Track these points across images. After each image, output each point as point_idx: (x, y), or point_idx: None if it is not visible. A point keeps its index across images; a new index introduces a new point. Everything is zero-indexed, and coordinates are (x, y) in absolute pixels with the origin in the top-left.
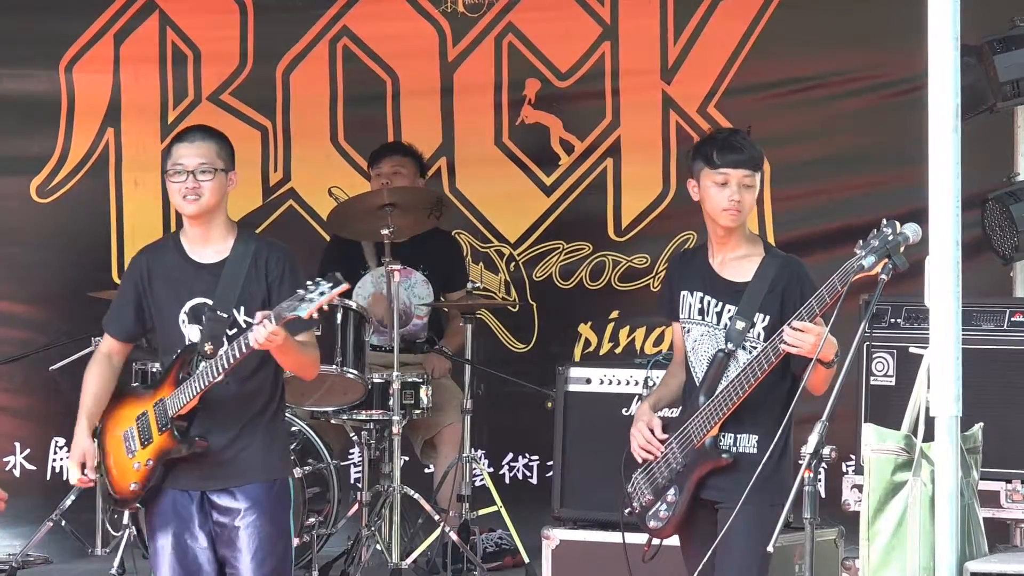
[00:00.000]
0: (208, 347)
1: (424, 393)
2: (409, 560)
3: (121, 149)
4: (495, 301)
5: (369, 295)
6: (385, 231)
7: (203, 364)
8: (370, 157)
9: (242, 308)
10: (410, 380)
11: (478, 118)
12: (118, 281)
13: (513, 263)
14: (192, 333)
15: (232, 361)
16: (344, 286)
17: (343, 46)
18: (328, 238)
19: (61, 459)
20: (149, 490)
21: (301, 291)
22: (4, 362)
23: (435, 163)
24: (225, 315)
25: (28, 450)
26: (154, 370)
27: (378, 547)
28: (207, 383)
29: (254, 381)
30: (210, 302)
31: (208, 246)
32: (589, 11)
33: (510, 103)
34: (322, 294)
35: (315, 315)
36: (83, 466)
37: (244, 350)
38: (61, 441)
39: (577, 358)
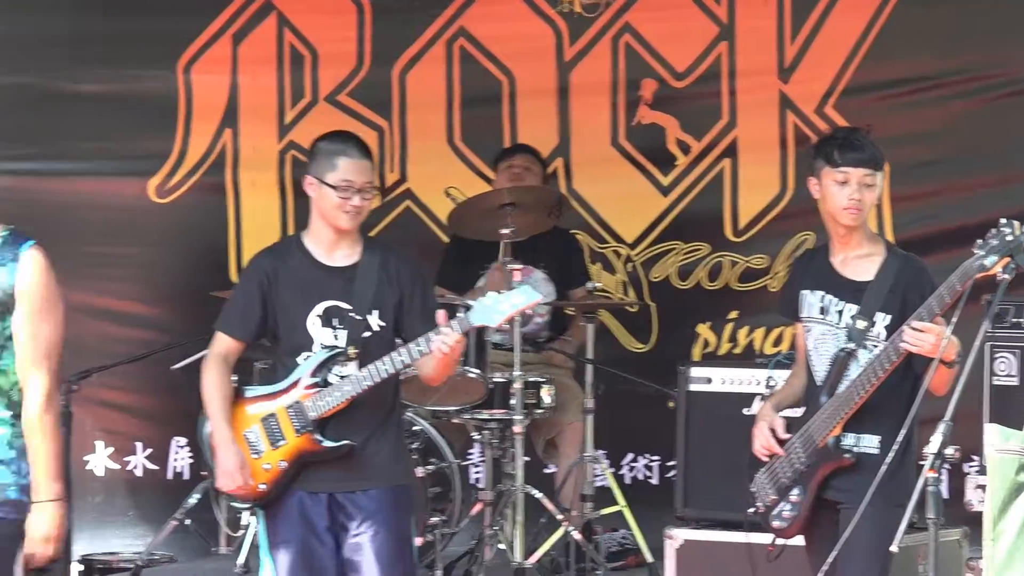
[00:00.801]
0: (352, 350)
1: (546, 392)
2: (532, 559)
3: (238, 150)
4: (616, 301)
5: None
6: (505, 230)
7: (351, 367)
8: (499, 154)
9: (376, 312)
10: (531, 379)
11: (594, 118)
12: (236, 281)
13: (630, 264)
14: (323, 336)
15: (400, 366)
16: (539, 298)
17: (460, 47)
18: (443, 238)
19: (182, 459)
20: (279, 491)
21: (488, 300)
22: (125, 362)
23: (552, 164)
24: (360, 317)
25: (150, 450)
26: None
27: (501, 546)
28: (364, 387)
29: (384, 385)
30: (346, 305)
31: (337, 251)
32: (706, 10)
33: (626, 103)
34: (514, 305)
35: (505, 325)
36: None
37: (415, 356)
38: (182, 441)
39: (696, 358)
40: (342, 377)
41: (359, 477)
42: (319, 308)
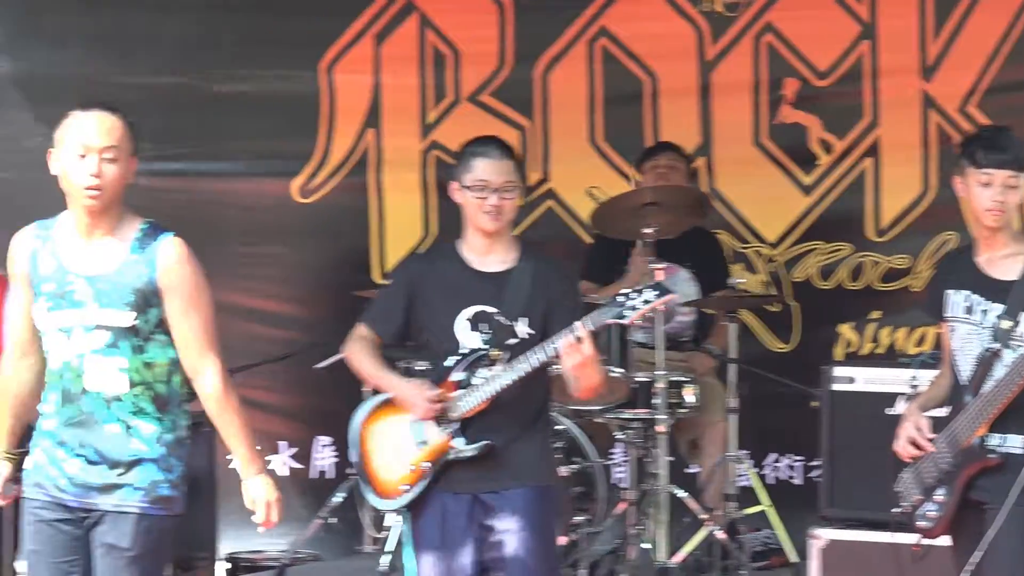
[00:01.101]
0: (495, 353)
1: (689, 392)
2: (676, 559)
3: (381, 150)
4: (759, 299)
5: None
6: (647, 229)
7: (496, 369)
8: (644, 153)
9: (524, 320)
10: (675, 379)
11: (736, 118)
12: (379, 281)
13: (772, 263)
14: (470, 339)
15: (533, 367)
16: (671, 296)
17: (602, 46)
18: (586, 238)
19: (326, 458)
20: (423, 491)
21: (621, 297)
22: (269, 361)
23: (693, 163)
24: (509, 323)
25: (294, 449)
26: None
27: (645, 546)
28: (501, 387)
29: (532, 386)
30: (494, 310)
31: (491, 256)
32: (847, 9)
33: (768, 102)
34: (647, 301)
35: (638, 322)
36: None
37: (549, 353)
38: (325, 440)
39: (838, 358)
40: (485, 380)
41: (502, 477)
42: (468, 312)
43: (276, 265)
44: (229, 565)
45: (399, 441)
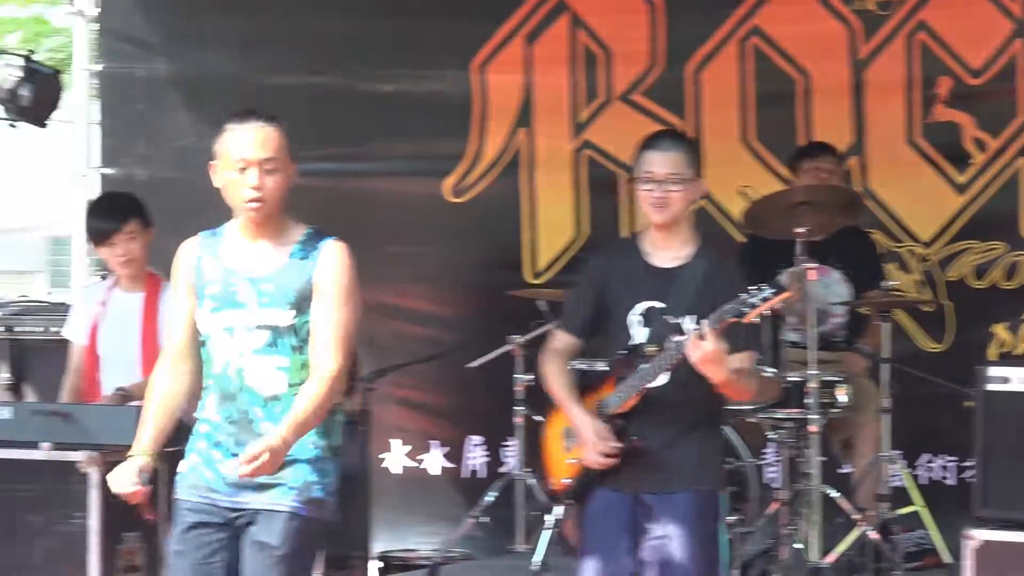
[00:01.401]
0: (651, 349)
1: (841, 392)
2: (829, 559)
3: (533, 149)
4: (912, 300)
5: None
6: (800, 229)
7: (645, 365)
8: (800, 152)
9: (691, 317)
10: (827, 378)
11: (889, 116)
12: (531, 280)
13: (926, 263)
14: (640, 335)
15: (668, 365)
16: (787, 294)
17: (753, 45)
18: (738, 237)
19: (478, 457)
20: (583, 487)
21: (743, 295)
22: (420, 361)
23: (846, 162)
24: (674, 320)
25: (446, 448)
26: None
27: (797, 546)
28: (645, 384)
29: (697, 387)
30: (662, 306)
31: (667, 251)
32: (1000, 7)
33: (922, 101)
34: (765, 299)
35: (755, 319)
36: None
37: (681, 349)
38: (476, 439)
39: (992, 358)
40: (638, 377)
41: (663, 479)
42: (640, 308)
43: (428, 265)
44: (381, 564)
45: (570, 434)
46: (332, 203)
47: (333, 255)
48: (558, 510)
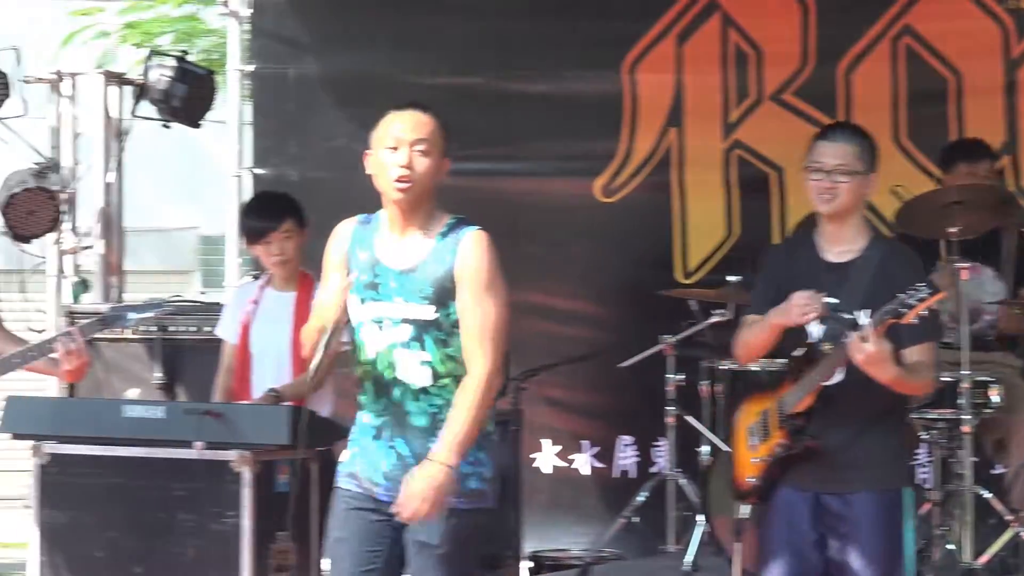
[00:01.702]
0: (826, 346)
1: (994, 392)
2: (982, 560)
3: (684, 149)
4: None
5: None
6: (952, 229)
7: (820, 363)
8: (956, 152)
9: (865, 312)
10: (980, 378)
11: None
12: (682, 280)
13: None
14: (816, 332)
15: (841, 363)
16: (942, 294)
17: (905, 44)
18: (889, 236)
19: (628, 457)
20: (767, 487)
21: (901, 295)
22: (571, 361)
23: (999, 161)
24: (848, 316)
25: (596, 448)
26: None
27: (950, 547)
28: (820, 382)
29: (876, 382)
30: (835, 302)
31: (838, 245)
32: None
33: None
34: (921, 299)
35: (913, 320)
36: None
37: (844, 351)
38: (627, 439)
39: None
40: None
41: (844, 479)
42: None
43: (578, 264)
44: (532, 564)
45: (754, 433)
46: (482, 203)
47: (472, 245)
48: (744, 509)
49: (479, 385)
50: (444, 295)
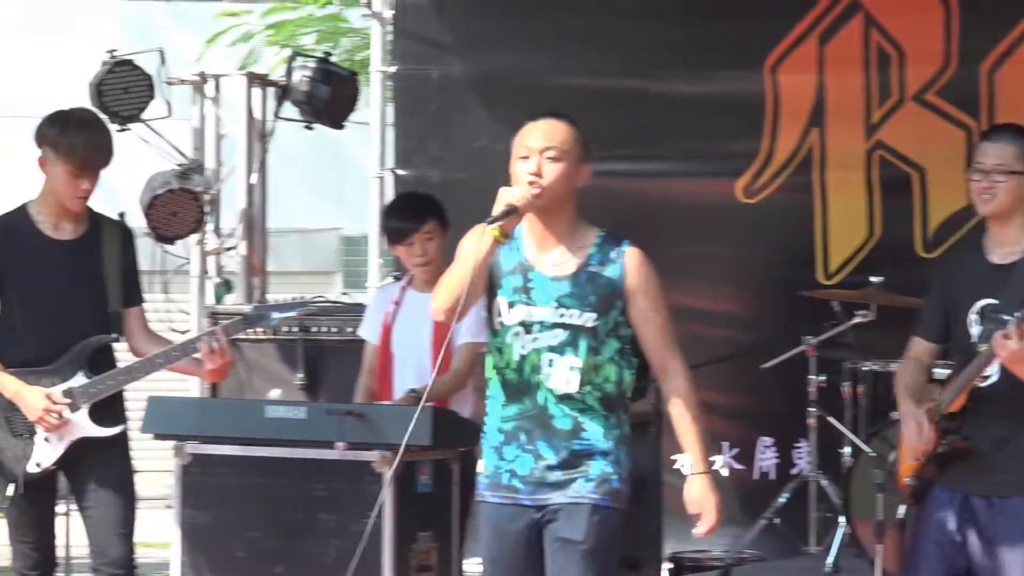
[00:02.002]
0: (982, 346)
1: None
2: None
3: (825, 149)
4: None
5: None
6: None
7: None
8: None
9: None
10: None
11: None
12: (823, 281)
13: None
14: (975, 331)
15: (990, 362)
16: None
17: None
18: None
19: (768, 459)
20: (923, 487)
21: None
22: (712, 361)
23: None
24: (1007, 317)
25: (736, 449)
26: None
27: None
28: (971, 381)
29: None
30: (995, 303)
31: (1003, 247)
32: None
33: None
34: None
35: None
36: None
37: (992, 355)
38: (768, 440)
39: None
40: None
41: (994, 482)
42: (977, 306)
43: (720, 265)
44: (672, 565)
45: (910, 434)
46: (623, 204)
47: (638, 261)
48: (901, 509)
49: (687, 387)
50: (607, 304)
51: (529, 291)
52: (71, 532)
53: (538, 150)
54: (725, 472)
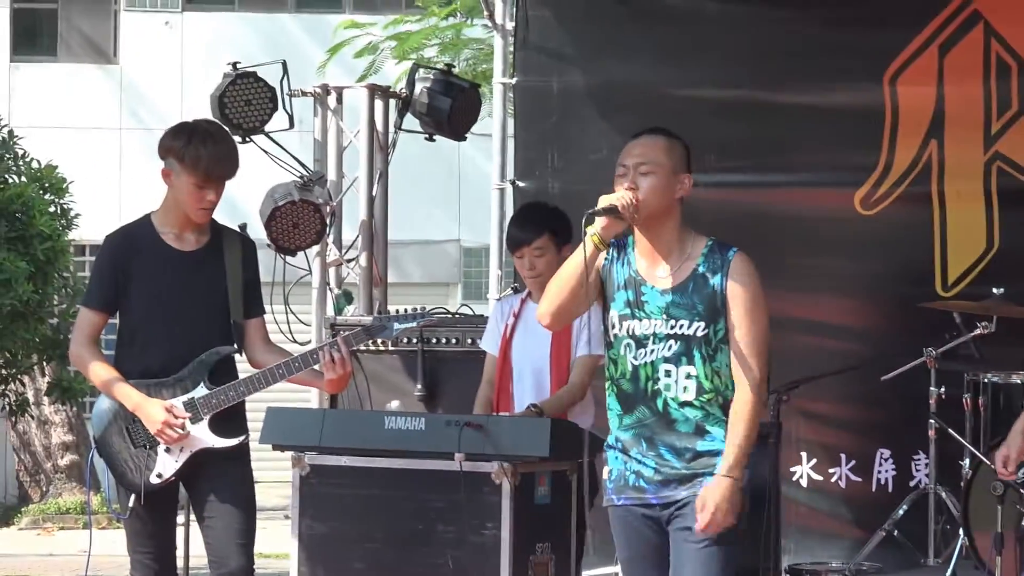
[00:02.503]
0: None
1: None
2: None
3: (944, 161)
4: None
5: None
6: None
7: None
8: None
9: None
10: None
11: None
12: (941, 293)
13: None
14: None
15: None
16: None
17: None
18: None
19: (886, 471)
20: None
21: None
22: (832, 373)
23: None
24: None
25: (853, 461)
26: None
27: None
28: None
29: None
30: None
31: None
32: None
33: None
34: None
35: None
36: None
37: None
38: (887, 452)
39: None
40: None
41: None
42: None
43: (837, 277)
44: None
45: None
46: (740, 214)
47: (741, 267)
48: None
49: (752, 399)
50: (714, 313)
51: (642, 304)
52: (190, 543)
53: (632, 166)
54: (843, 484)
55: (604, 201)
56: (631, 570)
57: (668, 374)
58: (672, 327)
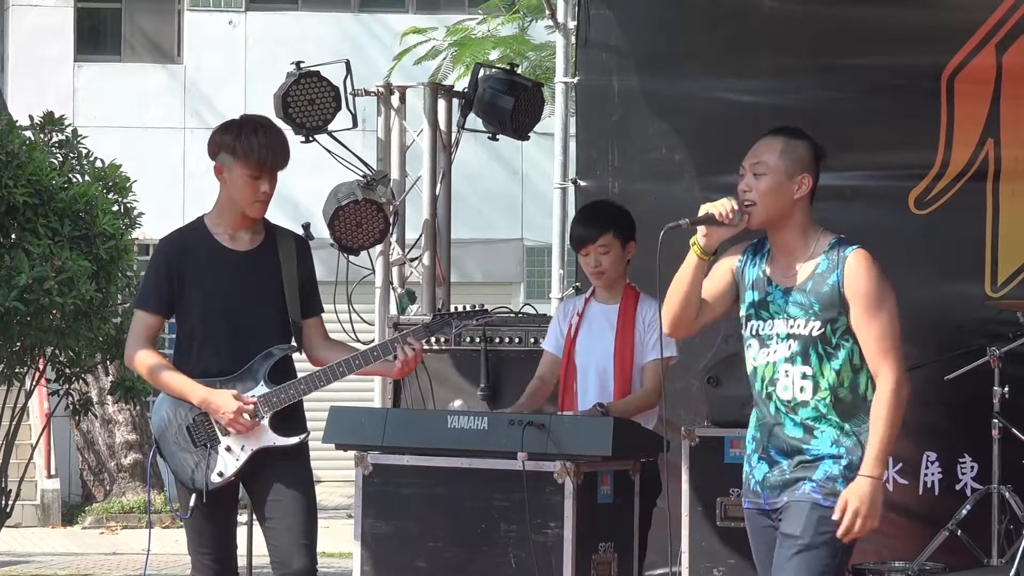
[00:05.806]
0: None
1: None
2: None
3: (1000, 160)
4: None
5: None
6: None
7: None
8: None
9: None
10: None
11: None
12: (990, 293)
13: None
14: None
15: None
16: None
17: None
18: None
19: (932, 474)
20: None
21: None
22: None
23: None
24: None
25: (900, 464)
26: None
27: None
28: None
29: None
30: None
31: None
32: None
33: None
34: None
35: None
36: None
37: None
38: (932, 456)
39: None
40: None
41: None
42: None
43: (893, 276)
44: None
45: None
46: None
47: (857, 264)
48: None
49: (891, 396)
50: (831, 311)
51: (767, 304)
52: (252, 543)
53: (748, 166)
54: (890, 487)
55: (703, 210)
56: (761, 571)
57: (787, 374)
58: (791, 327)
